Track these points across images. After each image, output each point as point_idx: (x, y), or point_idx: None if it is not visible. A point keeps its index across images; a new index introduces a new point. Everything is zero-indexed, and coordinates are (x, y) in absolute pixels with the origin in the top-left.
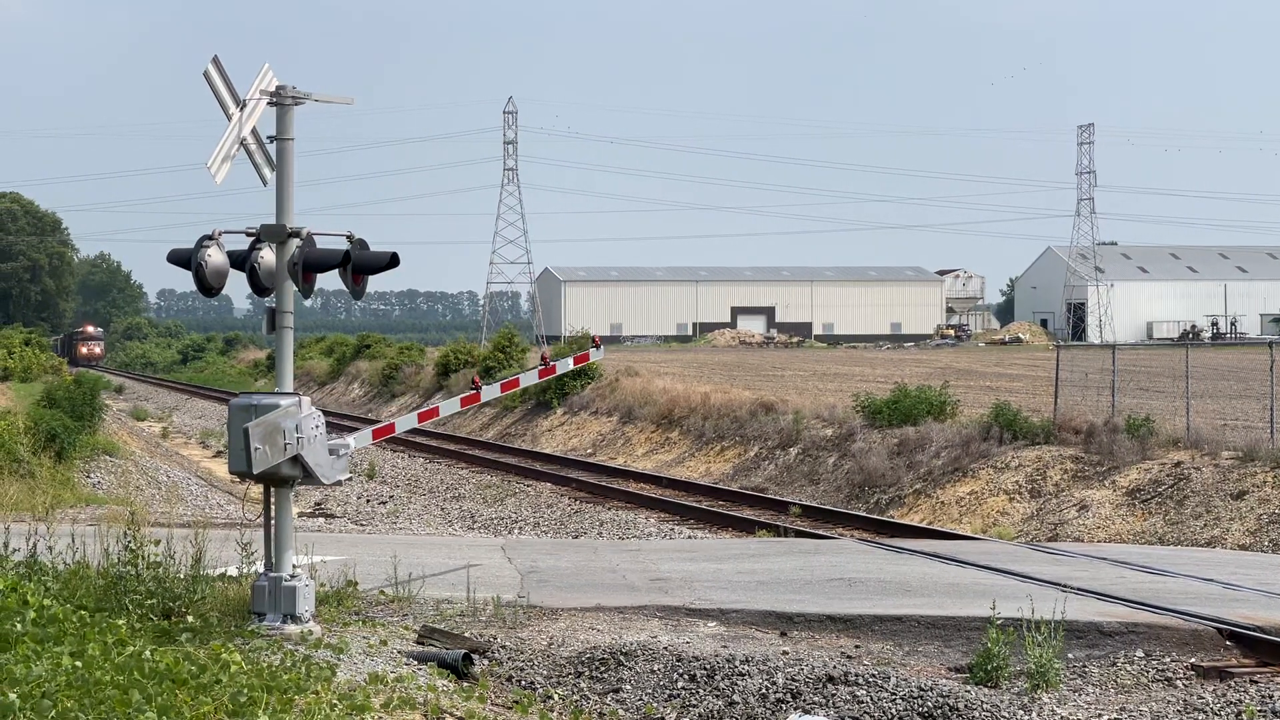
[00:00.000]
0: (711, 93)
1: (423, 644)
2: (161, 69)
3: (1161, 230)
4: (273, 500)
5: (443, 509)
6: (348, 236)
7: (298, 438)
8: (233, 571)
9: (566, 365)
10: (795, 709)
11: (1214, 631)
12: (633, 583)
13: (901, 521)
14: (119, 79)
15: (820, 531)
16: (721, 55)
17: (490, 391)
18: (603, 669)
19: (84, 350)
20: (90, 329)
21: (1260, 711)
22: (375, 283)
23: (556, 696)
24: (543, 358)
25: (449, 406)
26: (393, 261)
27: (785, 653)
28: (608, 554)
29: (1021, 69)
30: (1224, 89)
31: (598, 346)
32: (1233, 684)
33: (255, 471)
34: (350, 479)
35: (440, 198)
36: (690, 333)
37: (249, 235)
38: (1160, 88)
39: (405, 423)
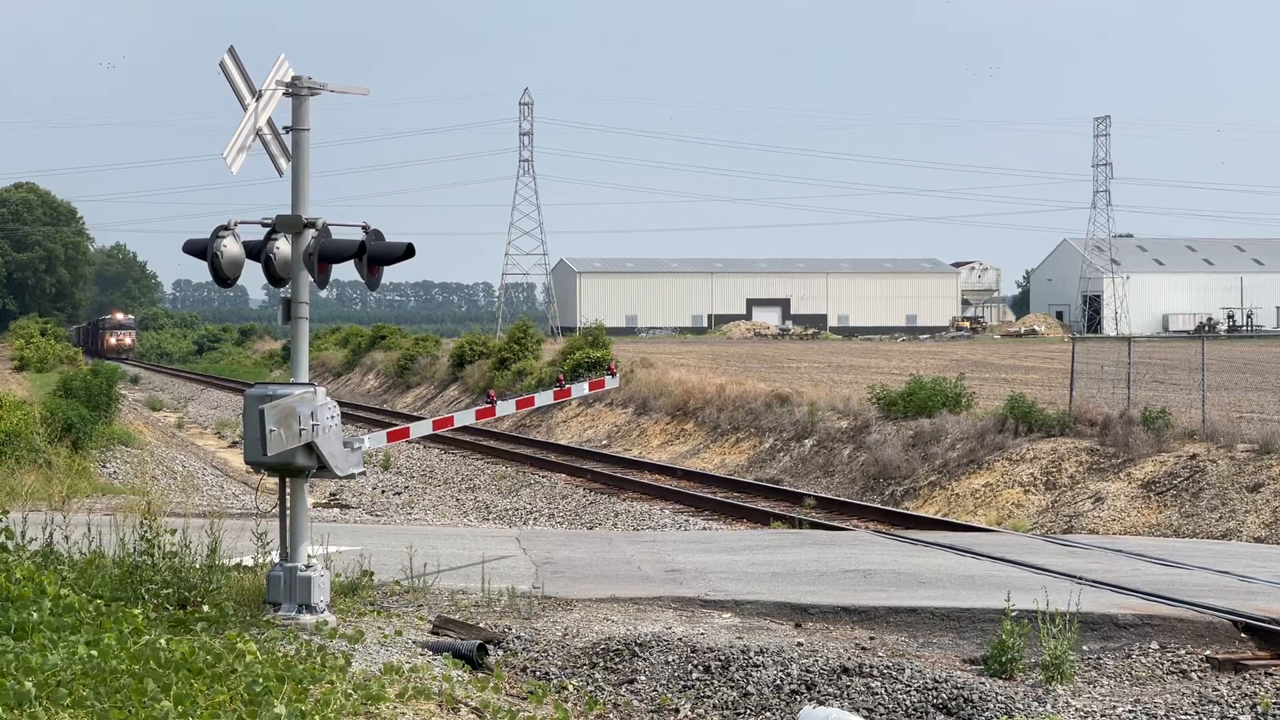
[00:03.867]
0: (728, 84)
1: (438, 634)
2: (178, 60)
3: (1178, 222)
4: (288, 491)
5: (458, 500)
6: (363, 227)
7: (313, 425)
8: (248, 561)
9: (582, 389)
10: (810, 700)
11: (1229, 624)
12: (647, 574)
13: (916, 513)
14: (136, 70)
15: (835, 523)
16: (738, 47)
17: (505, 407)
18: (617, 660)
19: (112, 341)
20: (120, 316)
21: (1276, 704)
22: (390, 274)
23: (571, 687)
24: (558, 379)
25: (464, 417)
26: (408, 252)
27: (800, 644)
28: (622, 545)
29: (990, 68)
30: (1241, 81)
31: (613, 374)
32: (1248, 676)
33: (270, 454)
34: (364, 473)
35: (456, 189)
36: (705, 324)
37: (264, 226)
38: (1177, 80)
39: (420, 429)
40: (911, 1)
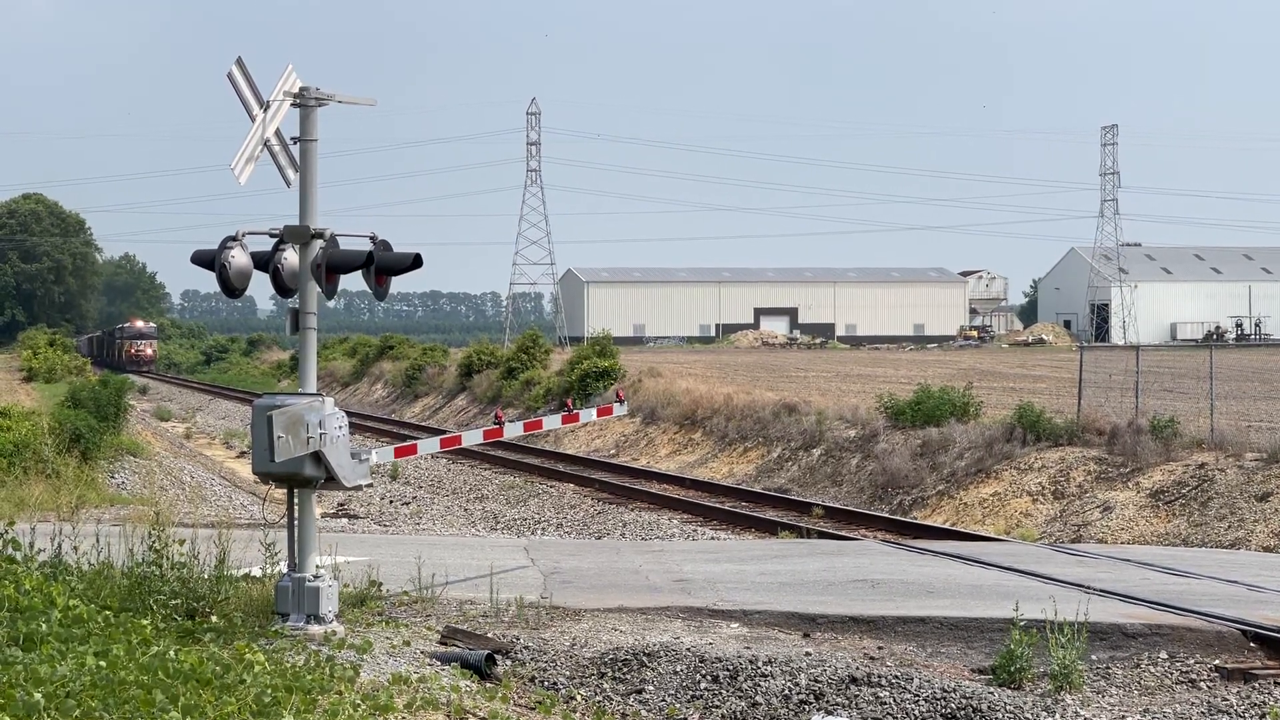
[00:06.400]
0: (734, 94)
1: (446, 645)
2: (185, 70)
3: (1185, 231)
4: (296, 501)
5: (466, 510)
6: (371, 237)
7: (320, 433)
8: (256, 572)
9: (590, 415)
10: (818, 710)
11: (1238, 633)
12: (655, 584)
13: (924, 523)
14: (143, 79)
15: (843, 533)
16: (745, 56)
17: (513, 429)
18: (625, 670)
19: (132, 351)
20: (139, 324)
21: None
22: (398, 284)
23: (579, 697)
24: (566, 404)
25: (471, 437)
26: (416, 262)
27: (808, 654)
28: (630, 555)
29: (982, 106)
30: (1247, 89)
31: (622, 401)
32: (1257, 686)
33: (278, 460)
34: (371, 484)
35: (463, 199)
36: (713, 334)
37: (272, 236)
38: (1184, 88)
39: (427, 446)
40: (916, 10)
